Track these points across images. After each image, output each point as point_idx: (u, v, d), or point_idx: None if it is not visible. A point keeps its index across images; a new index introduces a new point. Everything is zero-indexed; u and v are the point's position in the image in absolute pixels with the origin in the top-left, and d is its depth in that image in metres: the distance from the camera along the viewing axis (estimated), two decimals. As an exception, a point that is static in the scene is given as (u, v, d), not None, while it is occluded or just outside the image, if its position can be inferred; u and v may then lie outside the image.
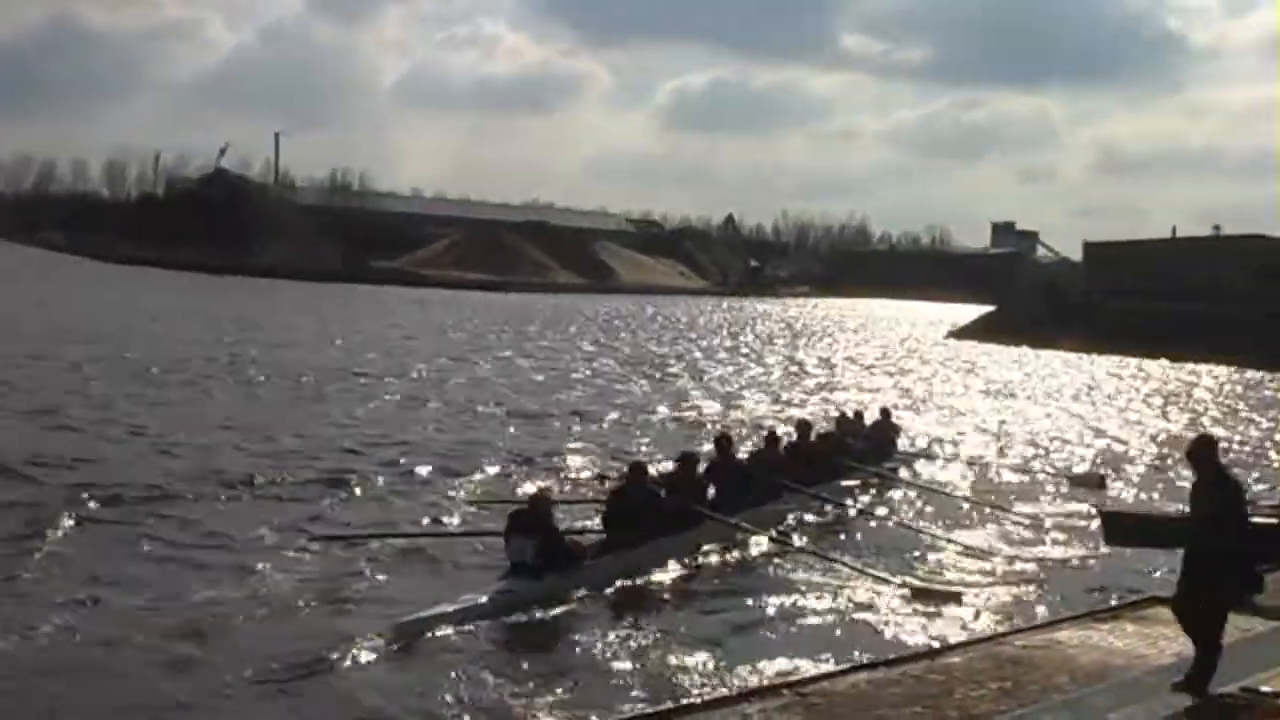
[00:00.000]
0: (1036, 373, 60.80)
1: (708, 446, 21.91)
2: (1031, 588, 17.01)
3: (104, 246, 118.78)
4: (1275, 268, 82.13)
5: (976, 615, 15.28)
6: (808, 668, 12.20)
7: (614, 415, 33.23)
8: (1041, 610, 15.56)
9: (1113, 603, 15.08)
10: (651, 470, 18.80)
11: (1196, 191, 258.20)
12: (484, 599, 14.10)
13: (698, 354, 60.54)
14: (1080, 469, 28.35)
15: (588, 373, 46.18)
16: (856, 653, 12.87)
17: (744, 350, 65.75)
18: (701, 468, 19.07)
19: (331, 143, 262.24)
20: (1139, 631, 13.00)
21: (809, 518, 20.65)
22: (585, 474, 23.42)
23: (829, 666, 12.03)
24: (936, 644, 13.02)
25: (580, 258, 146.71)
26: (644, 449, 26.88)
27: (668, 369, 50.41)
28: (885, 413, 28.24)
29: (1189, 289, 78.76)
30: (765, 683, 11.43)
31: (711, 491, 18.78)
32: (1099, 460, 30.29)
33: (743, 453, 22.33)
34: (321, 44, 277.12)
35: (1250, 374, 66.75)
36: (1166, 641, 12.53)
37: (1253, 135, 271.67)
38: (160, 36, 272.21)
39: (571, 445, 27.17)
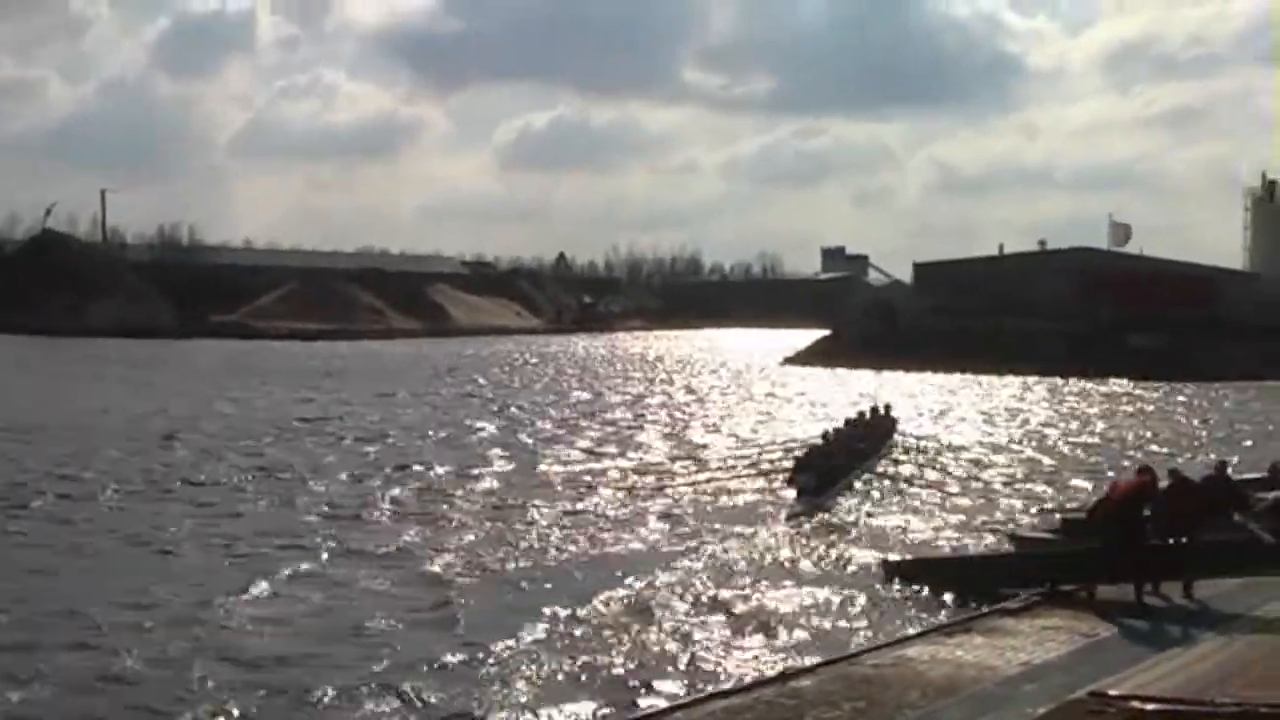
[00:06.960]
0: (857, 394, 61.59)
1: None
2: (881, 605, 17.17)
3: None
4: (1098, 279, 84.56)
5: (826, 636, 15.35)
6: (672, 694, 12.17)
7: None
8: (891, 628, 15.67)
9: (961, 616, 15.29)
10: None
11: (1028, 208, 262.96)
12: (791, 512, 23.91)
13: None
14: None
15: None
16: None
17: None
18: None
19: (168, 198, 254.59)
20: (987, 644, 13.18)
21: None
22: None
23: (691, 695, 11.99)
24: (789, 668, 13.03)
25: (415, 302, 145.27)
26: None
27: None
28: (888, 408, 36.31)
29: (1016, 304, 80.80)
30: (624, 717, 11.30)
31: None
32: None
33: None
34: (161, 99, 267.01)
35: (1073, 383, 68.71)
36: (1014, 652, 12.75)
37: (1087, 149, 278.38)
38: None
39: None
